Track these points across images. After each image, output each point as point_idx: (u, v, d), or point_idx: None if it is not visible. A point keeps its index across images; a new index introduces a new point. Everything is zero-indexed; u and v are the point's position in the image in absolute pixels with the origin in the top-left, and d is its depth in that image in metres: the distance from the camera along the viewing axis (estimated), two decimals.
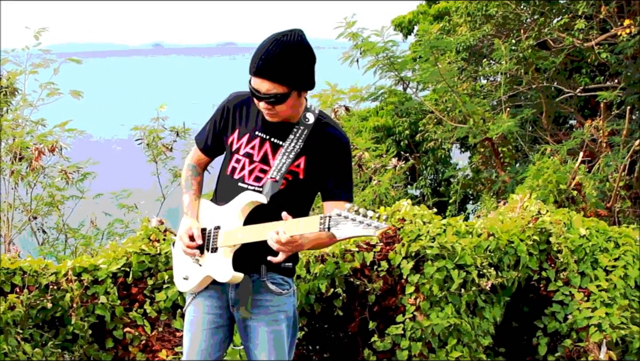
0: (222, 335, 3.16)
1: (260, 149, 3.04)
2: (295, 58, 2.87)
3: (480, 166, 12.91)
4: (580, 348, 5.41)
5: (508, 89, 11.87)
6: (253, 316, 3.05)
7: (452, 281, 5.04)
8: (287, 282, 3.11)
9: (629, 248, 5.91)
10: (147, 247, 4.66)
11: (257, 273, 3.04)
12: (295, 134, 3.00)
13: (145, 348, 4.45)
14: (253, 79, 2.91)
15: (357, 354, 5.05)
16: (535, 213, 5.90)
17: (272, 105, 2.91)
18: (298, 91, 2.93)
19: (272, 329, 3.06)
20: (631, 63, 11.46)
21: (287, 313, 3.12)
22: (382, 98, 12.93)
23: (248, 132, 3.08)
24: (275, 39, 2.88)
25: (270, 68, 2.85)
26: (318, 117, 3.05)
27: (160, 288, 4.60)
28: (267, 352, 3.06)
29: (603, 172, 8.28)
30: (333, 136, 3.04)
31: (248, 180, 3.04)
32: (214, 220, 3.09)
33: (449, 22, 13.46)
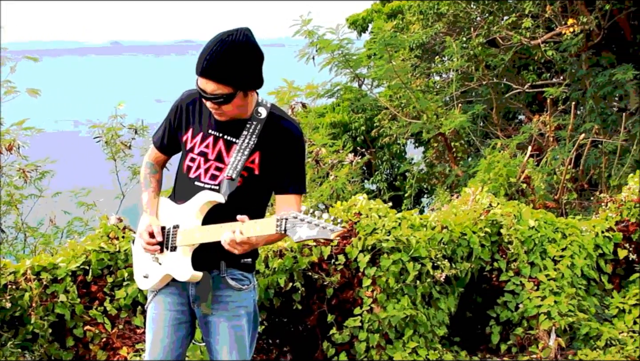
0: (184, 331, 3.12)
1: (214, 147, 3.00)
2: (240, 58, 2.81)
3: (434, 160, 13.00)
4: (531, 335, 5.49)
5: (460, 86, 11.98)
6: (213, 311, 3.02)
7: (407, 273, 5.07)
8: (247, 277, 3.08)
9: (575, 238, 6.00)
10: (106, 245, 4.59)
11: (216, 269, 3.00)
12: (248, 130, 2.96)
13: (106, 346, 4.38)
14: (199, 80, 2.86)
15: (316, 347, 5.05)
16: (486, 206, 5.96)
17: (218, 105, 2.87)
18: (244, 91, 2.88)
19: (233, 324, 3.04)
20: (575, 60, 11.65)
21: (248, 309, 3.08)
22: (338, 95, 12.94)
23: (202, 131, 3.03)
24: (221, 39, 2.82)
25: (215, 69, 2.80)
26: (271, 111, 3.00)
27: (120, 285, 4.53)
28: (228, 347, 3.04)
29: (550, 166, 8.40)
30: (286, 129, 2.99)
31: (204, 179, 3.00)
32: (172, 219, 3.04)
33: (402, 21, 13.52)
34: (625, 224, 6.33)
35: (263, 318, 4.91)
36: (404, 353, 4.92)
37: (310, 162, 7.57)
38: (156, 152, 3.25)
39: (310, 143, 7.84)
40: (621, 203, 6.48)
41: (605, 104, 11.52)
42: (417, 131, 11.25)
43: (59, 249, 4.99)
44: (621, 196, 6.57)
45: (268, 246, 4.95)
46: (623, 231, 6.29)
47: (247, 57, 2.83)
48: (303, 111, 8.49)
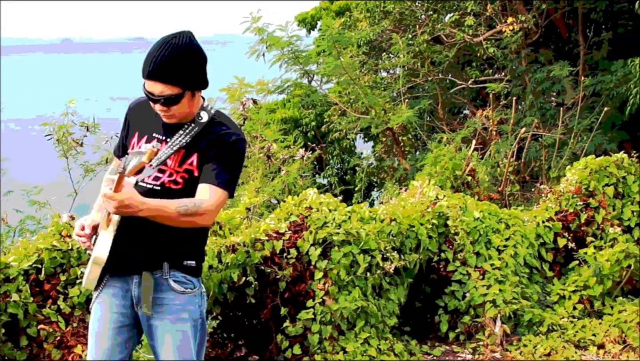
0: (126, 335, 3.00)
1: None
2: (186, 59, 2.81)
3: (383, 154, 13.07)
4: (477, 323, 5.55)
5: (406, 82, 12.05)
6: (157, 315, 2.92)
7: (358, 265, 5.07)
8: (191, 281, 2.98)
9: (518, 228, 6.10)
10: (59, 243, 4.47)
11: (159, 270, 2.92)
12: (184, 130, 2.92)
13: (61, 344, 4.27)
14: (146, 83, 2.83)
15: (271, 340, 5.02)
16: (433, 198, 6.00)
17: (167, 106, 2.84)
18: (191, 91, 2.86)
19: (176, 328, 2.93)
20: (515, 57, 11.83)
21: (192, 313, 2.97)
22: (289, 91, 12.91)
23: (146, 134, 2.99)
24: (165, 41, 2.81)
25: (162, 70, 2.78)
26: (212, 117, 2.95)
27: (73, 283, 4.42)
28: (172, 352, 2.93)
29: (494, 159, 8.50)
30: (221, 132, 2.92)
31: (147, 180, 2.93)
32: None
33: (349, 18, 13.54)
34: (564, 214, 6.45)
35: (217, 312, 4.86)
36: (356, 344, 4.93)
37: (262, 157, 7.52)
38: (117, 161, 3.19)
39: (261, 139, 7.78)
40: (560, 193, 6.60)
41: (544, 99, 11.72)
42: (366, 126, 11.28)
43: (11, 248, 4.83)
44: (560, 187, 6.70)
45: (221, 241, 4.90)
46: (562, 221, 6.41)
47: (191, 58, 2.83)
48: (254, 107, 8.41)
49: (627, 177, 6.56)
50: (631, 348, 5.35)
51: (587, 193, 6.53)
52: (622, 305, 5.85)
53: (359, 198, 10.17)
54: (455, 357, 5.35)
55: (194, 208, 2.81)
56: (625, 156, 6.71)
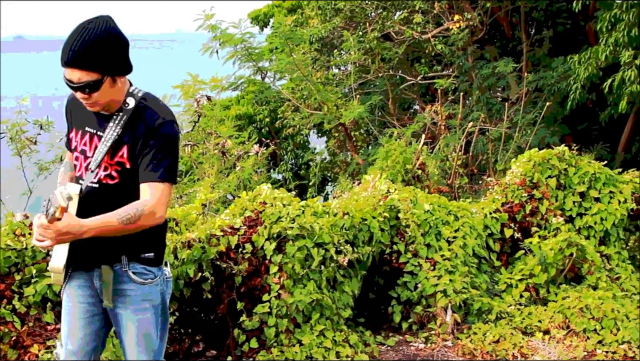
0: (98, 324, 3.01)
1: (90, 144, 2.88)
2: (103, 44, 2.69)
3: (336, 149, 13.09)
4: (429, 313, 5.58)
5: (357, 78, 12.08)
6: (120, 305, 2.93)
7: (312, 259, 5.05)
8: (151, 271, 2.96)
9: (466, 220, 6.15)
10: (13, 242, 4.33)
11: (118, 263, 2.90)
12: (114, 121, 2.82)
13: (17, 344, 4.13)
14: (65, 71, 2.72)
15: (227, 334, 4.96)
16: (385, 192, 6.01)
17: (88, 94, 2.74)
18: (111, 76, 2.75)
19: (138, 317, 2.95)
20: (462, 54, 11.95)
21: (154, 302, 2.98)
22: (242, 87, 12.81)
23: (81, 129, 2.93)
24: (81, 27, 2.70)
25: (79, 56, 2.68)
26: (139, 101, 2.84)
27: (29, 282, 4.29)
28: (136, 340, 2.96)
29: (443, 153, 8.56)
30: (150, 118, 2.81)
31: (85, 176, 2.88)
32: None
33: (301, 15, 13.51)
34: (510, 206, 6.54)
35: (174, 308, 4.79)
36: (311, 336, 4.91)
37: (216, 154, 7.44)
38: (69, 153, 3.12)
39: (216, 135, 7.70)
40: (506, 185, 6.68)
41: (490, 95, 11.87)
42: (319, 122, 11.28)
43: None
44: (506, 179, 6.78)
45: (176, 238, 4.83)
46: (508, 212, 6.50)
47: (109, 42, 2.71)
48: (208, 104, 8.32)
49: (569, 169, 6.68)
50: (574, 333, 5.45)
51: (531, 184, 6.63)
52: (565, 292, 5.95)
53: (313, 193, 10.18)
54: (408, 346, 5.37)
55: (138, 213, 2.73)
56: (567, 149, 6.83)
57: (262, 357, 4.85)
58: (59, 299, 4.18)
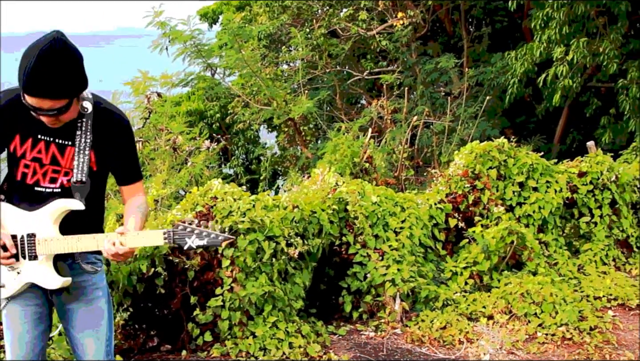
0: (44, 325, 2.91)
1: (47, 152, 2.75)
2: (68, 68, 2.55)
3: (286, 144, 13.02)
4: (379, 302, 5.58)
5: (305, 74, 12.02)
6: (73, 298, 2.86)
7: (263, 252, 4.98)
8: (99, 260, 2.94)
9: (413, 211, 6.16)
10: None
11: (70, 257, 2.82)
12: (81, 129, 2.74)
13: None
14: (30, 98, 2.55)
15: (182, 328, 4.87)
16: (333, 185, 5.97)
17: (56, 117, 2.63)
18: (78, 97, 2.67)
19: (92, 308, 2.89)
20: (406, 50, 12.01)
21: (103, 289, 2.96)
22: (193, 84, 12.62)
23: (30, 136, 2.74)
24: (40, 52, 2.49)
25: (47, 87, 2.52)
26: (95, 104, 2.78)
27: None
28: (90, 331, 2.89)
29: (389, 146, 8.58)
30: (115, 120, 2.80)
31: (44, 183, 2.76)
32: (25, 227, 2.75)
33: (250, 12, 13.38)
34: (454, 196, 6.58)
35: (128, 304, 4.67)
36: (264, 328, 4.85)
37: (168, 150, 7.30)
38: None
39: (167, 132, 7.55)
40: (449, 177, 6.72)
41: (433, 89, 11.96)
42: (268, 117, 11.19)
43: None
44: (449, 171, 6.82)
45: None
46: (452, 202, 6.53)
47: (73, 64, 2.57)
48: (159, 100, 8.16)
49: (508, 160, 6.76)
50: (516, 317, 5.52)
51: (473, 175, 6.67)
52: (507, 278, 6.01)
53: (265, 187, 10.09)
54: (359, 335, 5.36)
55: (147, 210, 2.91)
56: (506, 141, 6.90)
57: (216, 350, 4.77)
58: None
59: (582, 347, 5.10)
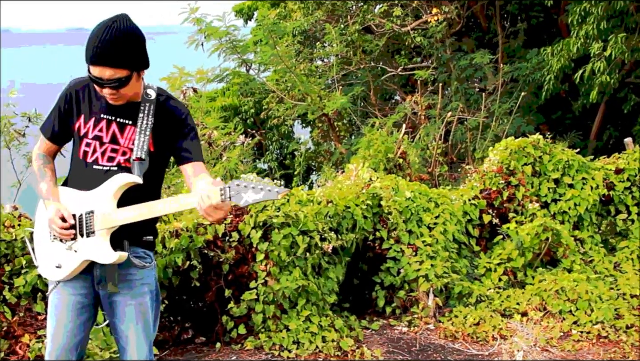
0: (87, 315, 2.95)
1: (107, 130, 2.86)
2: (130, 41, 2.71)
3: (320, 139, 13.02)
4: (412, 297, 5.55)
5: (340, 69, 12.00)
6: (120, 290, 2.88)
7: (297, 246, 4.99)
8: (149, 255, 2.96)
9: (446, 207, 6.12)
10: (2, 233, 4.23)
11: (120, 248, 2.84)
12: (143, 112, 2.86)
13: (7, 334, 4.04)
14: (92, 68, 2.72)
15: (216, 321, 4.90)
16: (367, 180, 5.96)
17: (116, 89, 2.75)
18: (137, 72, 2.79)
19: (138, 302, 2.91)
20: (440, 46, 11.91)
21: (150, 286, 2.96)
22: (228, 79, 12.68)
23: (93, 116, 2.87)
24: (106, 25, 2.70)
25: (109, 55, 2.68)
26: (158, 93, 2.92)
27: (19, 273, 4.19)
28: (134, 324, 2.91)
29: (423, 142, 8.53)
30: (176, 108, 2.92)
31: (102, 162, 2.85)
32: (83, 205, 2.84)
33: (284, 9, 13.38)
34: (488, 192, 6.52)
35: (163, 296, 4.71)
36: (298, 322, 4.86)
37: (203, 144, 7.34)
38: (47, 143, 3.02)
39: (202, 126, 7.60)
40: (484, 173, 6.66)
41: (467, 85, 11.85)
42: (302, 113, 11.20)
43: None
44: (483, 167, 6.75)
45: (164, 227, 4.75)
46: (486, 198, 6.48)
47: (134, 39, 2.73)
48: (194, 95, 8.22)
49: (543, 156, 6.68)
50: (551, 315, 5.45)
51: (508, 172, 6.61)
52: (542, 275, 5.94)
53: (298, 182, 10.10)
54: (392, 330, 5.34)
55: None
56: (541, 137, 6.82)
57: (250, 343, 4.79)
58: None
59: (618, 346, 5.01)
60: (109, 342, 4.12)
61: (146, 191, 2.84)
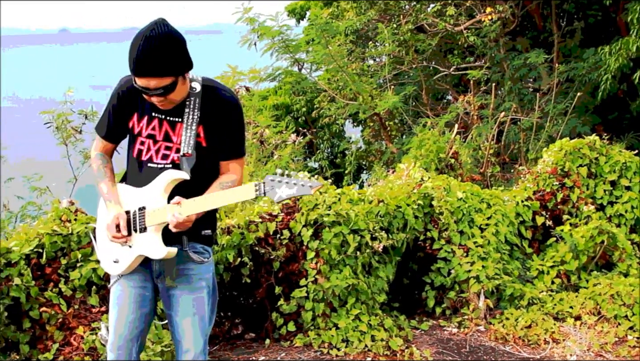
0: (147, 307, 3.02)
1: (160, 128, 2.90)
2: (170, 48, 2.71)
3: (371, 138, 12.95)
4: (462, 298, 5.47)
5: (392, 69, 11.89)
6: (177, 285, 2.93)
7: (348, 245, 4.97)
8: (207, 251, 2.99)
9: (499, 208, 6.01)
10: (59, 227, 4.32)
11: (179, 243, 2.89)
12: (189, 106, 2.87)
13: (63, 326, 4.13)
14: (139, 80, 2.74)
15: (266, 318, 4.92)
16: (419, 180, 5.91)
17: (164, 96, 2.77)
18: (182, 75, 2.80)
19: (195, 296, 2.95)
20: (494, 45, 11.69)
21: (207, 281, 3.00)
22: (280, 78, 12.71)
23: (146, 114, 2.92)
24: (144, 36, 2.70)
25: (151, 66, 2.69)
26: (204, 84, 2.92)
27: (74, 266, 4.28)
28: (190, 318, 2.95)
29: (476, 142, 8.38)
30: (224, 99, 2.91)
31: (156, 159, 2.90)
32: (137, 202, 2.91)
33: (337, 8, 13.35)
34: (542, 194, 6.38)
35: None
36: (347, 320, 4.84)
37: (255, 142, 7.39)
38: (103, 142, 3.09)
39: (254, 125, 7.65)
40: (537, 174, 6.53)
41: (521, 85, 11.60)
42: (354, 112, 11.14)
43: (12, 233, 4.66)
44: (537, 168, 6.63)
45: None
46: (540, 200, 6.34)
47: (174, 44, 2.73)
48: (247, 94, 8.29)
49: (599, 158, 6.51)
50: (605, 319, 5.30)
51: (562, 173, 6.47)
52: (596, 279, 5.79)
53: (349, 181, 10.06)
54: (442, 331, 5.27)
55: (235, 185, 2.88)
56: (597, 139, 6.66)
57: (299, 340, 4.79)
58: (104, 283, 4.18)
59: None
60: (160, 336, 4.17)
61: (197, 184, 2.86)
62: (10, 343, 4.11)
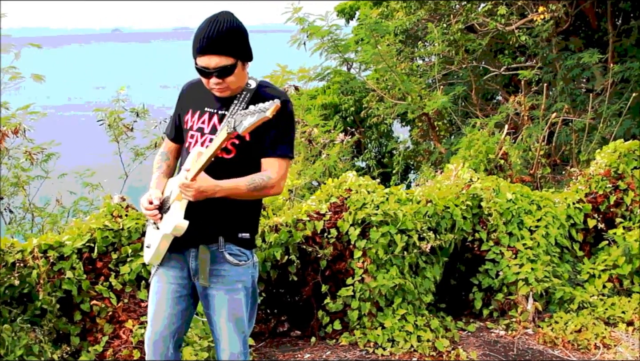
0: (185, 304, 3.02)
1: (209, 122, 2.93)
2: (234, 32, 2.80)
3: (419, 138, 12.85)
4: (510, 300, 5.37)
5: (441, 69, 11.77)
6: (212, 285, 2.92)
7: (395, 245, 4.93)
8: (245, 253, 2.96)
9: (549, 209, 5.88)
10: (110, 223, 4.40)
11: (215, 243, 2.89)
12: (238, 99, 2.91)
13: (112, 319, 4.20)
14: (200, 59, 2.81)
15: (312, 315, 4.92)
16: (467, 181, 5.83)
17: (222, 78, 2.81)
18: (242, 62, 2.85)
19: (231, 297, 2.93)
20: (546, 45, 11.46)
21: (245, 283, 2.97)
22: (329, 78, 12.72)
23: (199, 110, 2.97)
24: (212, 19, 2.82)
25: (215, 43, 2.77)
26: (259, 83, 2.97)
27: (124, 261, 4.35)
28: (226, 318, 2.94)
29: (526, 143, 8.22)
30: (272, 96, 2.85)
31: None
32: (171, 188, 2.96)
33: (386, 8, 13.28)
34: (594, 196, 6.22)
35: (261, 289, 4.77)
36: (393, 320, 4.80)
37: (303, 141, 7.39)
38: (169, 143, 3.18)
39: (303, 124, 7.66)
40: (590, 176, 6.37)
41: (574, 86, 11.35)
42: (402, 112, 11.07)
43: (65, 228, 4.77)
44: (590, 170, 6.47)
45: (264, 222, 4.80)
46: (592, 202, 6.18)
47: (239, 31, 2.82)
48: (296, 93, 8.30)
49: None
50: None
51: (616, 175, 6.29)
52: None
53: (397, 180, 9.99)
54: (489, 333, 5.18)
55: (264, 183, 2.83)
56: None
57: (345, 339, 4.78)
58: None
59: None
60: (207, 331, 4.20)
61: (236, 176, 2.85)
62: (62, 334, 4.21)
